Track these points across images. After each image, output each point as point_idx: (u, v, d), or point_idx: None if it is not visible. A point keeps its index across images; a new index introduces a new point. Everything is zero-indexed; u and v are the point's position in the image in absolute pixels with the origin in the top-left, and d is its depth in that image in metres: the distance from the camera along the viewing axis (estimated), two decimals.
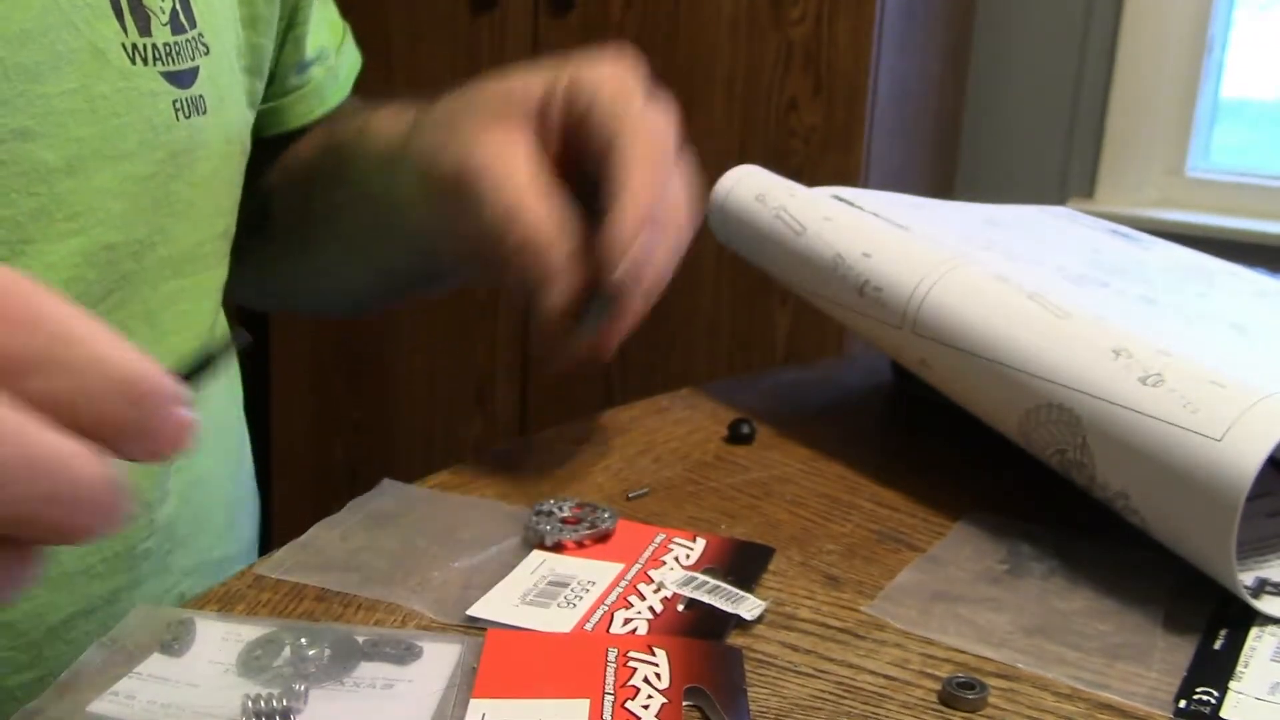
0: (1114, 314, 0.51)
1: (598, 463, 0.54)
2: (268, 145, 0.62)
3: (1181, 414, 0.43)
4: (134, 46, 0.46)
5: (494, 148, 0.48)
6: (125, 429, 0.25)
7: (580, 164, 0.49)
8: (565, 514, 0.46)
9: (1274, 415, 0.41)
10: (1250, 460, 0.40)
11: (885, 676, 0.39)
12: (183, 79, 0.48)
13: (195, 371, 0.28)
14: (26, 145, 0.42)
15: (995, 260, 0.57)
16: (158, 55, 0.47)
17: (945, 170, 2.00)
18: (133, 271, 0.47)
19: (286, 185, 0.64)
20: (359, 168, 0.59)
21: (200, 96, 0.49)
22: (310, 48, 0.62)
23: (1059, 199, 1.95)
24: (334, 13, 0.67)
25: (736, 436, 0.57)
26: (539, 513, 0.46)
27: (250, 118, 0.57)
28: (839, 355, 1.56)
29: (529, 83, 0.50)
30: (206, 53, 0.50)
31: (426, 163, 0.51)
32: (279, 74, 0.61)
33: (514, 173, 0.47)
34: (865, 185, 1.54)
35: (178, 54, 0.48)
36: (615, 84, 0.49)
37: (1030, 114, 2.00)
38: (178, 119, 0.48)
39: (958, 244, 0.58)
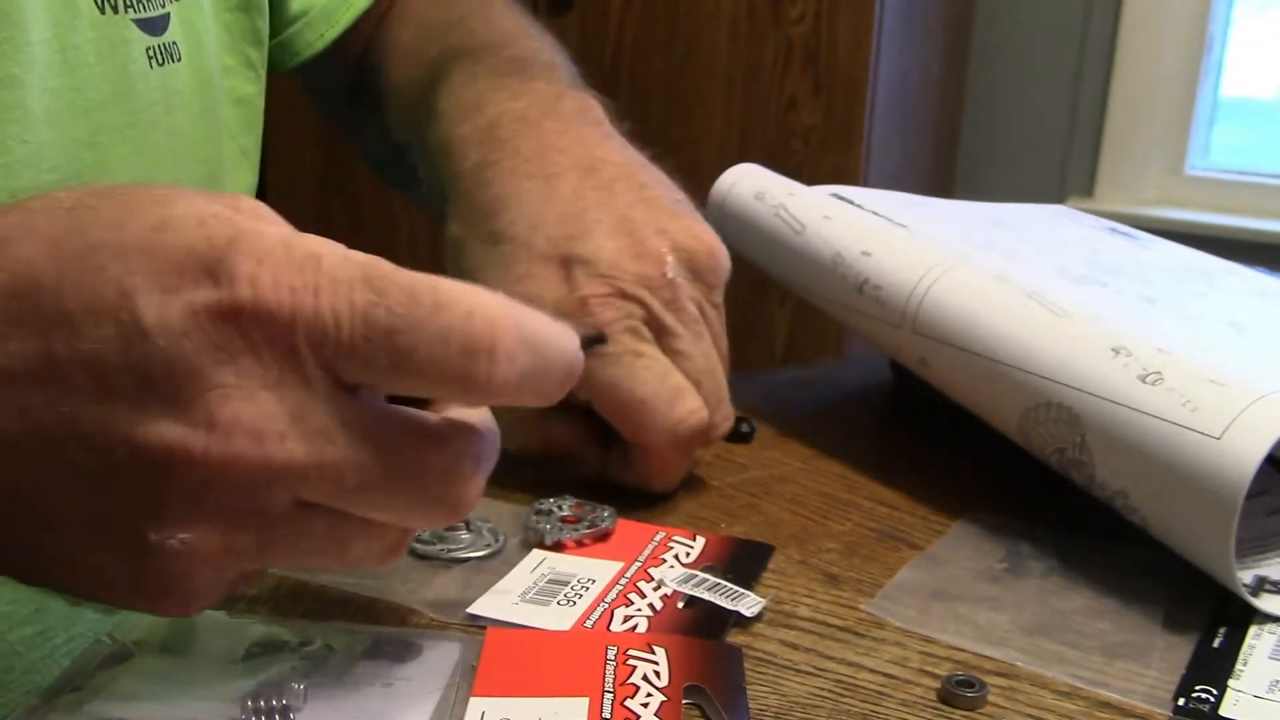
0: (1113, 313, 0.51)
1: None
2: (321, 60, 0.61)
3: (1181, 412, 0.43)
4: None
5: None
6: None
7: None
8: (565, 513, 0.46)
9: (1273, 414, 0.41)
10: (1249, 458, 0.40)
11: (885, 675, 0.39)
12: (155, 26, 0.48)
13: None
14: (17, 93, 0.42)
15: (995, 259, 0.57)
16: (129, 3, 0.46)
17: (945, 169, 2.00)
18: None
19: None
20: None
21: (173, 43, 0.49)
22: None
23: (1058, 198, 1.95)
24: None
25: (735, 435, 0.57)
26: (538, 511, 0.47)
27: (253, 57, 0.56)
28: (838, 354, 1.57)
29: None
30: None
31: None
32: (275, 6, 0.59)
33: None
34: (865, 184, 1.54)
35: (149, 0, 0.47)
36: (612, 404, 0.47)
37: (1030, 113, 2.00)
38: (151, 67, 0.47)
39: (957, 243, 0.58)
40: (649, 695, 0.35)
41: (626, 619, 0.40)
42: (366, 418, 0.30)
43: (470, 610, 0.40)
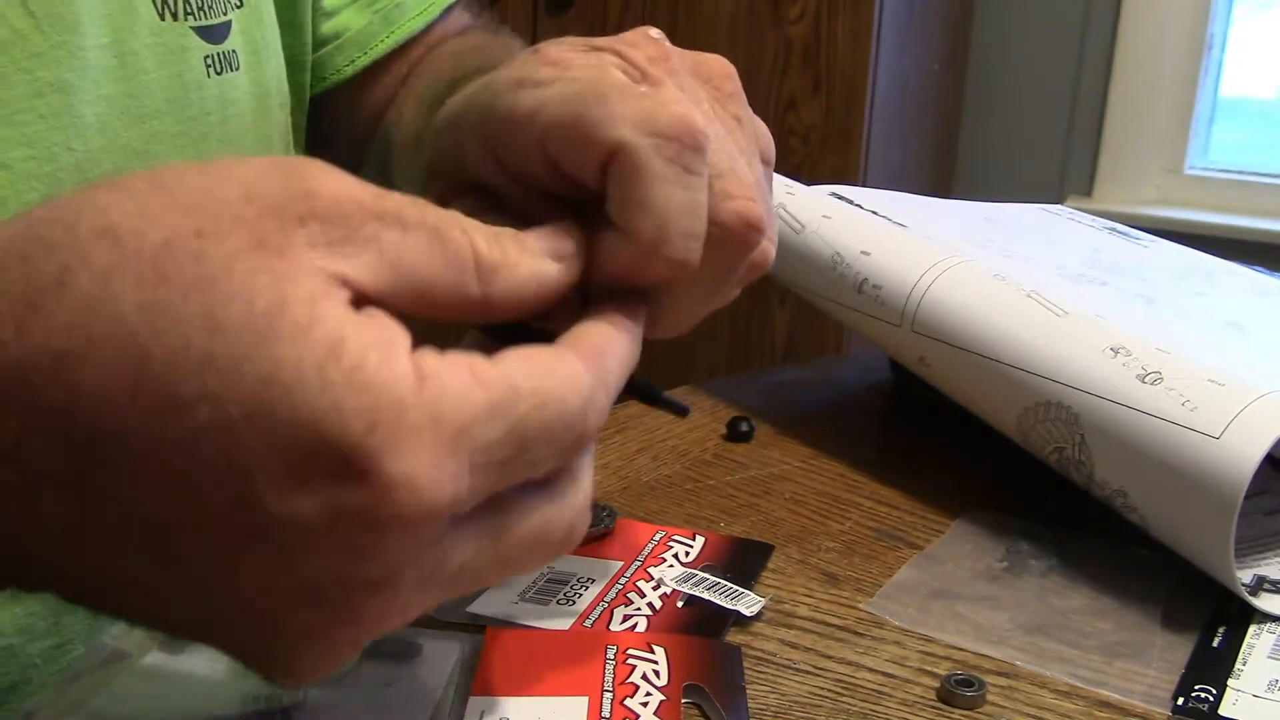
0: (1112, 312, 0.51)
1: (596, 460, 0.54)
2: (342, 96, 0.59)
3: (1180, 412, 0.43)
4: (164, 1, 0.45)
5: None
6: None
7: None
8: None
9: (1272, 413, 0.41)
10: (1248, 458, 0.40)
11: (884, 674, 0.39)
12: (215, 34, 0.47)
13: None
14: (67, 99, 0.41)
15: (994, 258, 0.57)
16: (189, 10, 0.46)
17: (944, 169, 2.00)
18: None
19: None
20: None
21: (233, 51, 0.48)
22: None
23: (1057, 197, 1.95)
24: None
25: (735, 434, 0.57)
26: None
27: (296, 74, 0.55)
28: (838, 353, 1.57)
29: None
30: (240, 5, 0.49)
31: None
32: (312, 26, 0.58)
33: None
34: (864, 184, 1.54)
35: (210, 8, 0.47)
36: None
37: (1029, 113, 2.00)
38: (209, 75, 0.47)
39: (956, 242, 0.58)
40: (648, 694, 0.35)
41: (626, 618, 0.40)
42: (492, 528, 0.28)
43: (470, 609, 0.40)
